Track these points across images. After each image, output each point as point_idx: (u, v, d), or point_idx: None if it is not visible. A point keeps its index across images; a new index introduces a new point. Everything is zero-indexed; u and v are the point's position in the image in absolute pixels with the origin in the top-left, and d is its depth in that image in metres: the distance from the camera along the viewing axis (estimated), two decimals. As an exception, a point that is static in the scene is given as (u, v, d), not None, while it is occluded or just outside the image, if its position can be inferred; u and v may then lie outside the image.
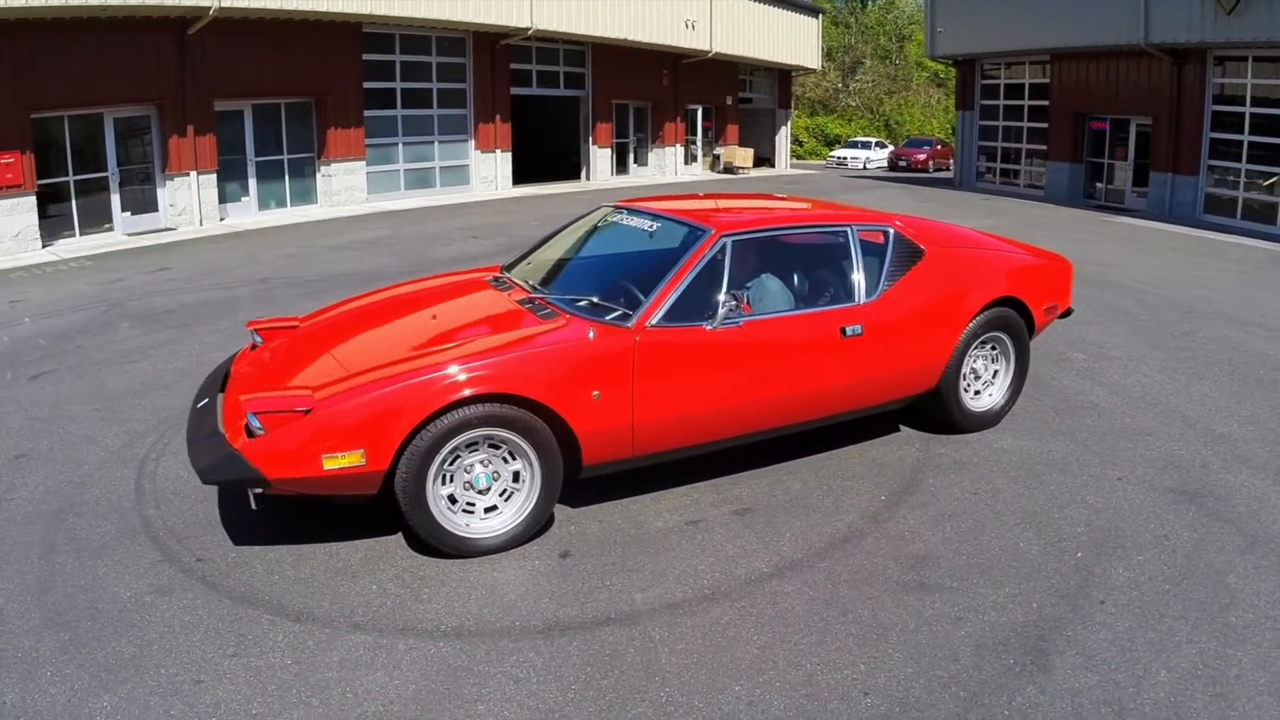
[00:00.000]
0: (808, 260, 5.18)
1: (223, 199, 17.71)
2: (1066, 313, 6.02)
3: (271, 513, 4.36)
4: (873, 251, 5.08)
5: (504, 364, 3.91)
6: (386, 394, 3.73)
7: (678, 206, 5.32)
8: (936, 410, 5.43)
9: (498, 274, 5.33)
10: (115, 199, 16.18)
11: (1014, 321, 5.44)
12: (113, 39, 14.83)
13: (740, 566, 3.96)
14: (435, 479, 3.85)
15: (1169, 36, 18.50)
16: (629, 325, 4.21)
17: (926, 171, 31.39)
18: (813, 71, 34.93)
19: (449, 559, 3.99)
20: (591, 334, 4.15)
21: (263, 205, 18.77)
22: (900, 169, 32.59)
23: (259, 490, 3.80)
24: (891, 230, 5.19)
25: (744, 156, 28.11)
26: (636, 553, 4.08)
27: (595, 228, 5.54)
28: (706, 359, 4.34)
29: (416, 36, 20.33)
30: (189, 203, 16.88)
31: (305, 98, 18.62)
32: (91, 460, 5.26)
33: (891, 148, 36.66)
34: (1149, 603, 3.69)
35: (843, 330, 4.75)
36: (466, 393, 3.76)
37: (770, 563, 4.00)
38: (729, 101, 29.07)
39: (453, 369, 3.83)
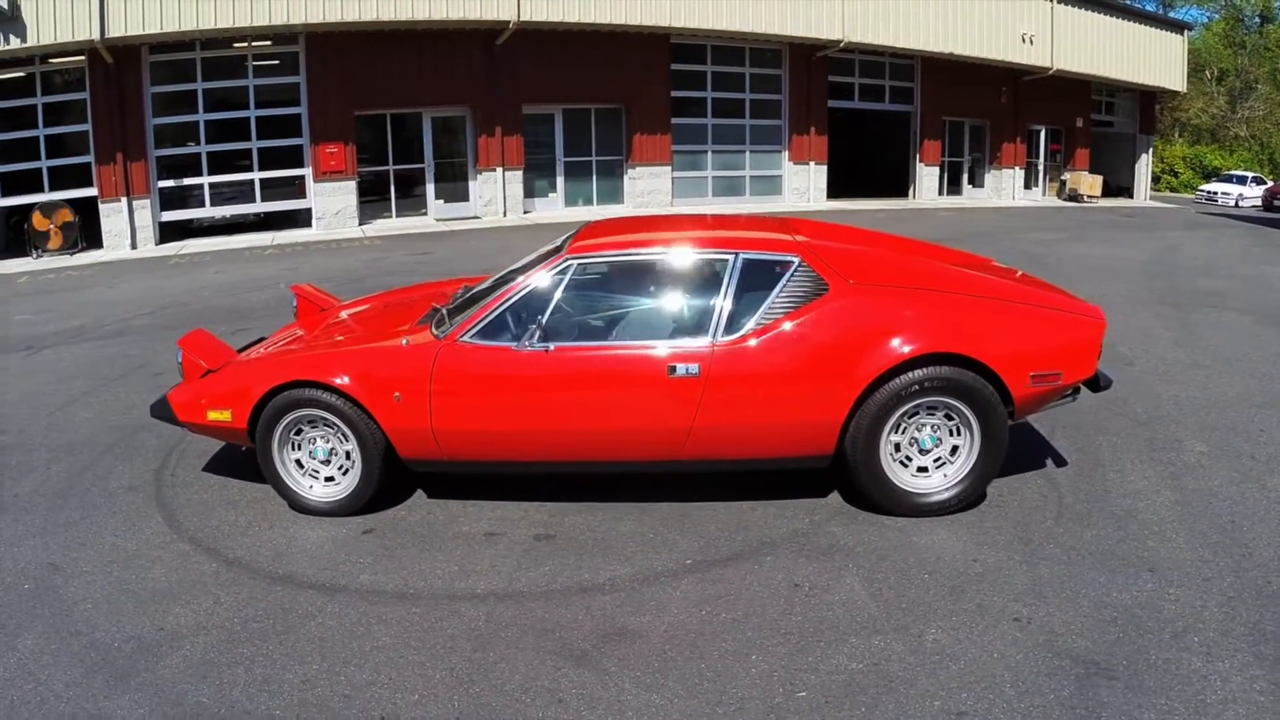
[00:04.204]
0: (674, 288, 4.38)
1: (530, 194, 18.79)
2: (1093, 384, 4.29)
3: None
4: (758, 283, 4.11)
5: (330, 357, 4.29)
6: (247, 371, 4.37)
7: (602, 227, 4.89)
8: (853, 481, 4.14)
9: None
10: (430, 188, 17.83)
11: (971, 387, 3.96)
12: (429, 47, 16.28)
13: (462, 582, 3.75)
14: (281, 443, 4.30)
15: None
16: (441, 337, 4.19)
17: (1305, 213, 24.80)
18: (1177, 94, 29.37)
19: (299, 512, 4.40)
20: (405, 341, 4.27)
21: (570, 202, 19.62)
22: (1275, 209, 26.11)
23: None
24: (795, 260, 4.11)
25: (1091, 184, 24.42)
26: (415, 545, 4.08)
27: (552, 244, 5.10)
28: (510, 380, 4.10)
29: (728, 48, 20.06)
30: (494, 195, 18.12)
31: (613, 104, 19.16)
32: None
33: (1270, 184, 29.60)
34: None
35: (671, 369, 3.94)
36: (295, 377, 4.19)
37: (487, 588, 3.69)
38: (1079, 123, 25.38)
39: (299, 359, 4.34)
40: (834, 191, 22.10)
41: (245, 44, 14.91)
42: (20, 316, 10.00)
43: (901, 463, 4.12)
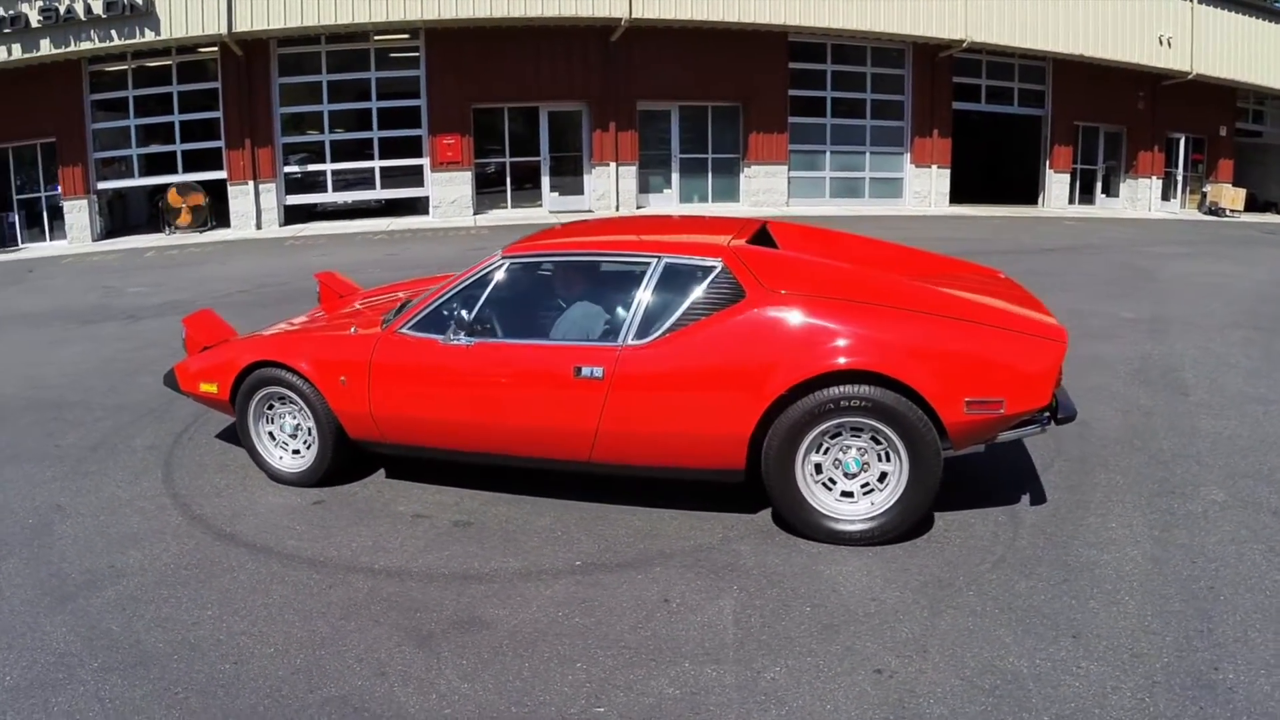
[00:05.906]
0: (598, 290, 4.35)
1: (645, 189, 18.59)
2: (1053, 414, 3.72)
3: None
4: (677, 288, 3.88)
5: (295, 341, 4.49)
6: (232, 350, 4.65)
7: (562, 229, 4.96)
8: (769, 500, 3.79)
9: None
10: (545, 181, 17.94)
11: (895, 410, 3.53)
12: (545, 43, 16.32)
13: (367, 557, 3.82)
14: (256, 416, 4.57)
15: None
16: (384, 328, 4.30)
17: None
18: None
19: (272, 481, 4.63)
20: (353, 329, 4.45)
21: (685, 198, 19.31)
22: None
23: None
24: (717, 265, 3.84)
25: (1233, 197, 22.03)
26: (349, 518, 4.19)
27: None
28: (433, 371, 4.15)
29: (849, 47, 19.22)
30: (608, 190, 18.05)
31: (729, 102, 18.71)
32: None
33: None
34: None
35: (577, 370, 3.79)
36: (266, 357, 4.43)
37: (385, 564, 3.75)
38: (1222, 132, 22.91)
39: (272, 341, 4.57)
40: (957, 197, 20.83)
41: (368, 39, 15.37)
42: (133, 289, 10.68)
43: (825, 485, 3.73)
